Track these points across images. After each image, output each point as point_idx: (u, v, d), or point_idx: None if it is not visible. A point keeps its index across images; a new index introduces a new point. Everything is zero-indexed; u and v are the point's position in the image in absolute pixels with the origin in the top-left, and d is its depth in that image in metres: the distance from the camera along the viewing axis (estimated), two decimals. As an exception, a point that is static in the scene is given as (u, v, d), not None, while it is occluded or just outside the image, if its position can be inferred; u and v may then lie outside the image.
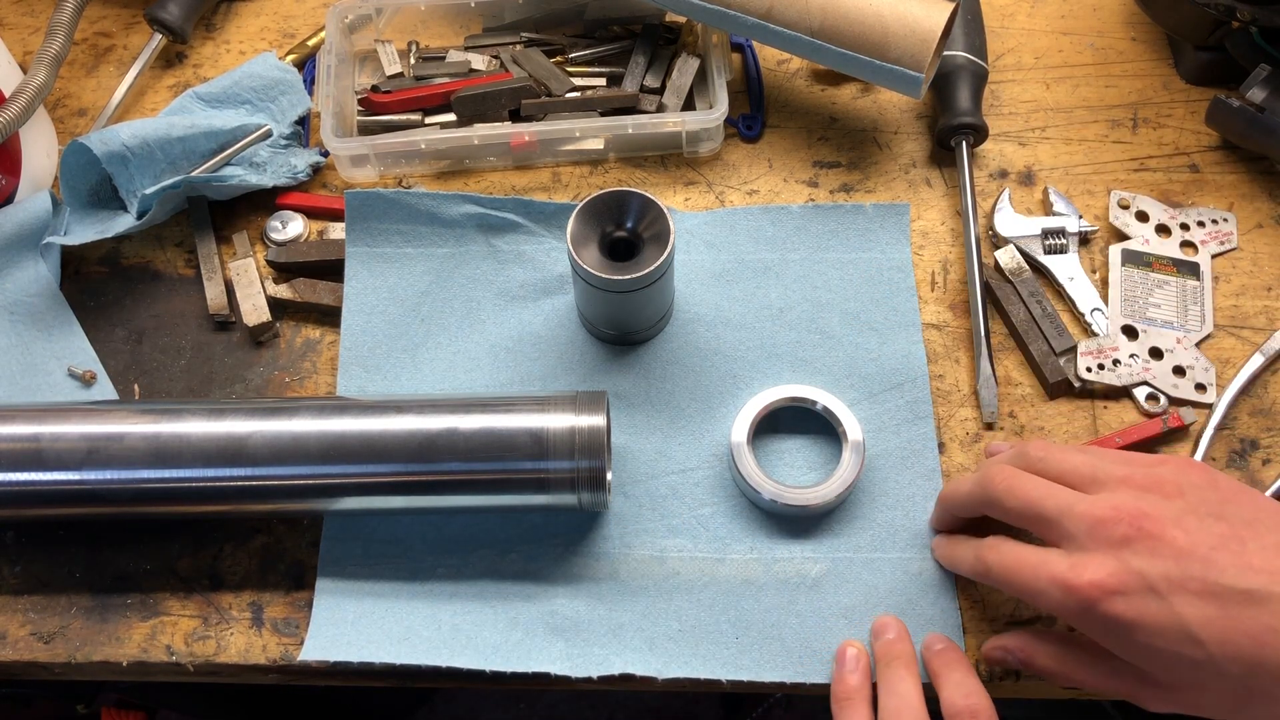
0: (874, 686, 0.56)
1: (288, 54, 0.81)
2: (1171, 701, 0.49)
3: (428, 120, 0.76)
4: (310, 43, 0.82)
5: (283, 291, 0.70)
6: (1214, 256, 0.69)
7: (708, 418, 0.65)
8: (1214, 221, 0.70)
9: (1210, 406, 0.64)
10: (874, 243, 0.70)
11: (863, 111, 0.77)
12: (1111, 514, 0.48)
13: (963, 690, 0.53)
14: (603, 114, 0.74)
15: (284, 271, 0.71)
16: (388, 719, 1.35)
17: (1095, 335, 0.66)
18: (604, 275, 0.60)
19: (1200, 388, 0.64)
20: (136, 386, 0.68)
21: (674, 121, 0.72)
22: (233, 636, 0.60)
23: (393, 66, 0.78)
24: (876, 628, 0.58)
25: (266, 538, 0.63)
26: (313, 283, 0.70)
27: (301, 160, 0.75)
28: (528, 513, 0.62)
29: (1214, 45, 0.74)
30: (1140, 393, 0.64)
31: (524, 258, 0.70)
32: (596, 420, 0.57)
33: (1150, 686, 0.49)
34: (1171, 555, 0.47)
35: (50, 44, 0.73)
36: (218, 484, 0.57)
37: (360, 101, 0.77)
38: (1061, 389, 0.65)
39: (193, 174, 0.71)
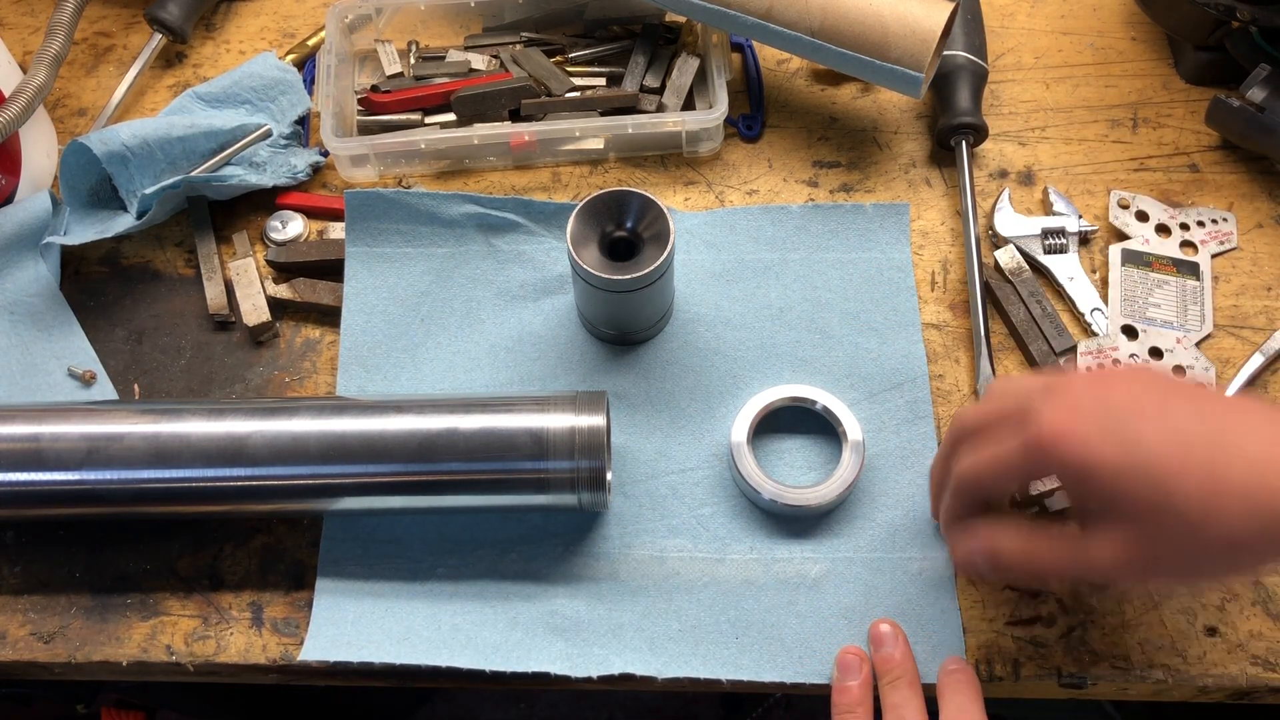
0: (875, 698, 0.56)
1: (288, 54, 0.81)
2: (1122, 565, 0.48)
3: (428, 120, 0.76)
4: (310, 43, 0.82)
5: (283, 291, 0.70)
6: (1214, 256, 0.69)
7: (708, 418, 0.65)
8: (1214, 221, 0.70)
9: (1210, 406, 0.64)
10: (874, 243, 0.70)
11: (863, 111, 0.77)
12: (1062, 381, 0.49)
13: (964, 714, 0.53)
14: (603, 114, 0.74)
15: (284, 271, 0.71)
16: (388, 719, 1.35)
17: (1095, 335, 0.66)
18: (604, 275, 0.60)
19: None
20: (136, 386, 0.68)
21: (674, 121, 0.72)
22: (233, 636, 0.60)
23: (393, 66, 0.78)
24: (874, 636, 0.58)
25: (266, 538, 0.63)
26: (313, 283, 0.70)
27: (301, 160, 0.75)
28: (528, 513, 0.62)
29: (1214, 45, 0.74)
30: (1140, 393, 0.64)
31: (524, 258, 0.70)
32: (596, 420, 0.57)
33: (1105, 552, 0.48)
34: (1126, 400, 0.47)
35: (50, 44, 0.73)
36: (218, 484, 0.57)
37: (360, 101, 0.77)
38: (1061, 389, 0.65)
39: (193, 174, 0.71)
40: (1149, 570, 0.48)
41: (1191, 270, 0.68)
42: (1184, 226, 0.70)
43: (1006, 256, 0.69)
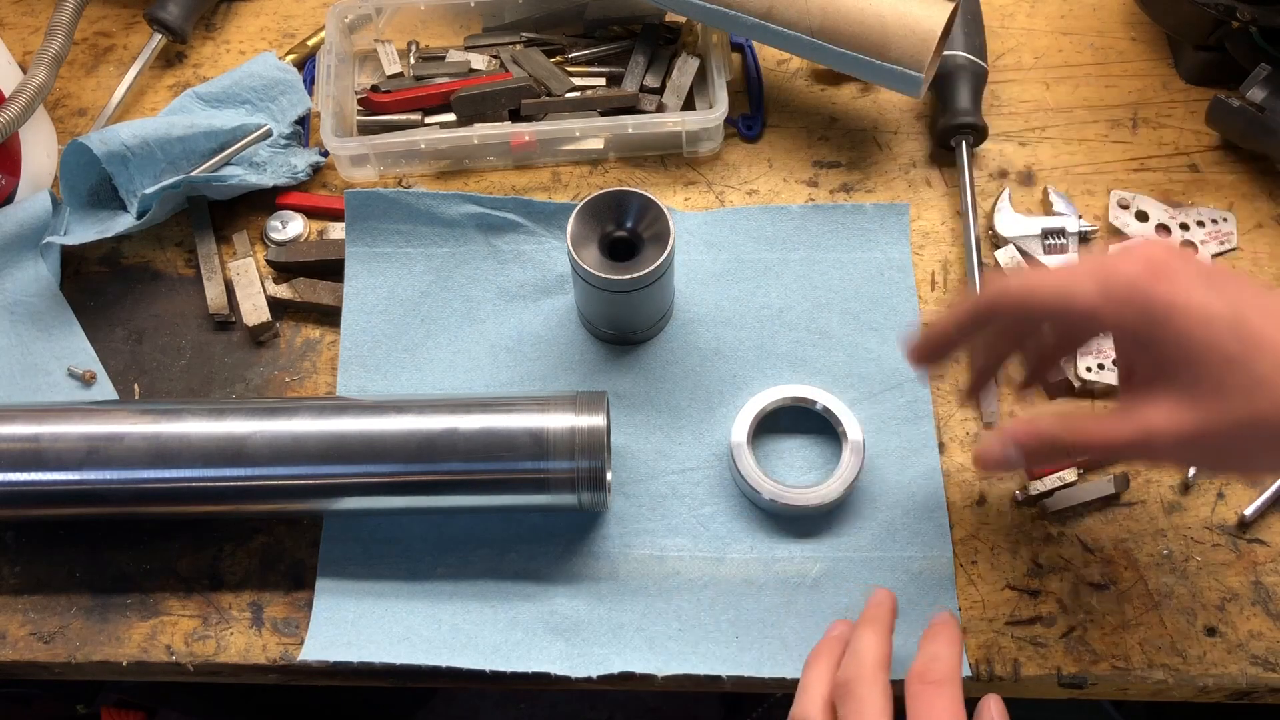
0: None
1: (288, 54, 0.81)
2: (1180, 432, 0.44)
3: (428, 120, 0.76)
4: (310, 43, 0.82)
5: (283, 291, 0.70)
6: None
7: (708, 418, 0.65)
8: (1214, 221, 0.70)
9: (1210, 406, 0.64)
10: (874, 242, 0.70)
11: (863, 111, 0.77)
12: (1131, 255, 0.44)
13: (936, 661, 0.50)
14: (603, 114, 0.74)
15: (284, 271, 0.71)
16: (388, 719, 1.35)
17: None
18: (604, 275, 0.60)
19: (1200, 388, 0.64)
20: (136, 386, 0.68)
21: (674, 121, 0.72)
22: (233, 636, 0.60)
23: (393, 66, 0.78)
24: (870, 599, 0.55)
25: (266, 538, 0.63)
26: (313, 283, 0.70)
27: (301, 160, 0.75)
28: (528, 513, 0.62)
29: (1214, 45, 0.74)
30: (1140, 393, 0.64)
31: (524, 258, 0.70)
32: (596, 420, 0.57)
33: (1161, 417, 0.44)
34: (1214, 265, 0.44)
35: (50, 44, 0.73)
36: (218, 484, 0.57)
37: (360, 101, 0.77)
38: (1061, 389, 0.65)
39: (193, 174, 0.71)
40: (1207, 441, 0.43)
41: (1191, 270, 0.68)
42: (1184, 226, 0.70)
43: (1006, 256, 0.69)
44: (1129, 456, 0.48)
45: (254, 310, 0.69)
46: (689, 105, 0.76)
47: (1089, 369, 0.64)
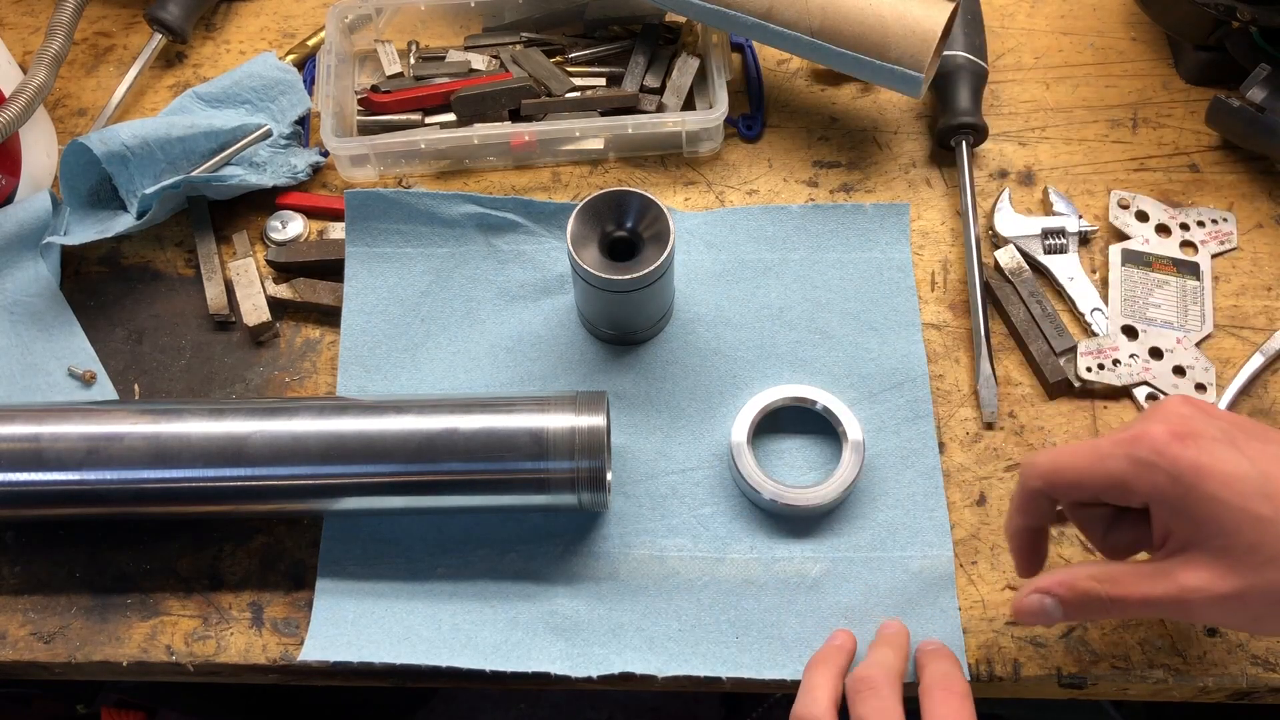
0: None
1: (288, 54, 0.81)
2: (1219, 604, 0.44)
3: (428, 120, 0.76)
4: (310, 43, 0.82)
5: (283, 291, 0.70)
6: (1214, 256, 0.69)
7: (708, 418, 0.65)
8: (1214, 221, 0.70)
9: (1210, 406, 0.64)
10: (874, 242, 0.70)
11: (863, 111, 0.77)
12: (1155, 418, 0.45)
13: (940, 670, 0.53)
14: (603, 114, 0.74)
15: (284, 271, 0.71)
16: (388, 719, 1.35)
17: (1095, 335, 0.66)
18: (604, 275, 0.60)
19: (1200, 388, 0.64)
20: (136, 386, 0.68)
21: (674, 121, 0.72)
22: (233, 636, 0.60)
23: (393, 66, 0.78)
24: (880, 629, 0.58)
25: (266, 538, 0.63)
26: (313, 283, 0.70)
27: (301, 160, 0.75)
28: (528, 513, 0.62)
29: (1214, 45, 0.74)
30: (1140, 393, 0.64)
31: (524, 258, 0.70)
32: (596, 420, 0.57)
33: (1197, 579, 0.45)
34: (1238, 420, 0.44)
35: (50, 44, 0.73)
36: (218, 484, 0.57)
37: (360, 101, 0.77)
38: (1061, 389, 0.65)
39: (193, 174, 0.71)
40: (1244, 605, 0.44)
41: (1192, 270, 0.68)
42: (1184, 226, 0.70)
43: (1006, 256, 0.69)
44: (1165, 615, 0.49)
45: (254, 310, 0.69)
46: (689, 105, 0.76)
47: (1089, 369, 0.64)
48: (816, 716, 0.51)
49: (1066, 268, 0.69)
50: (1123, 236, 0.70)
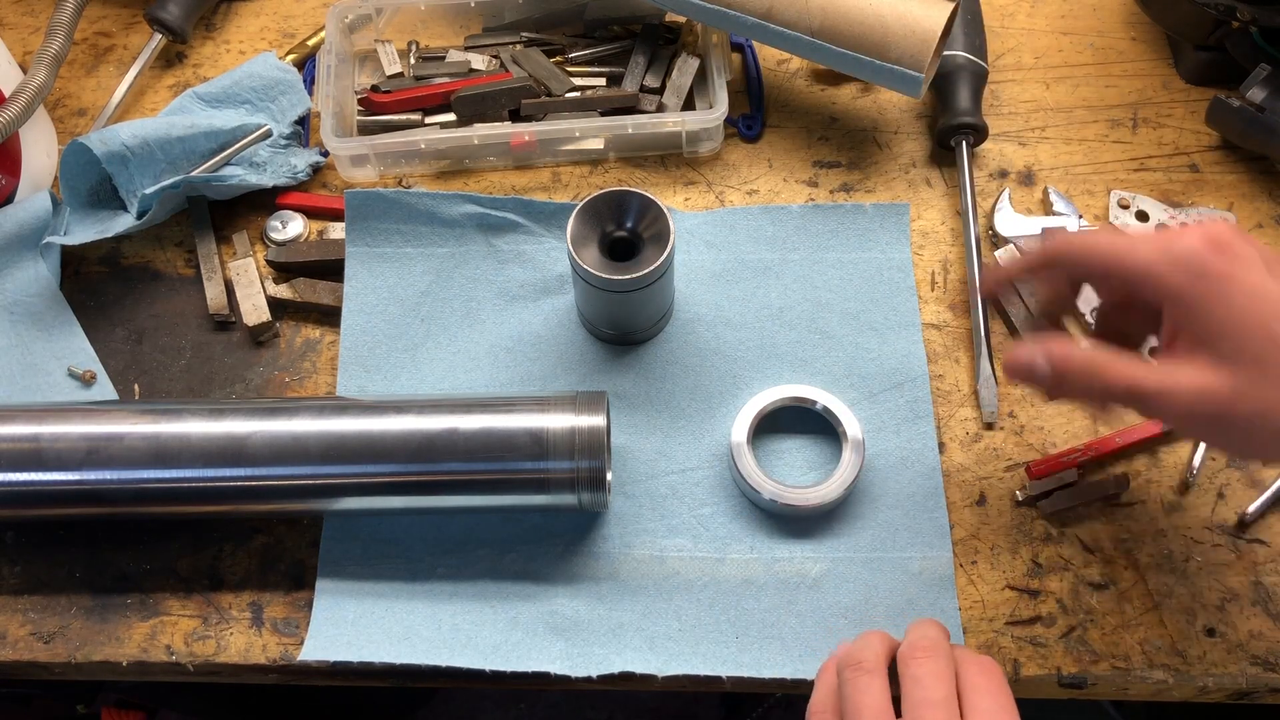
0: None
1: (288, 54, 0.81)
2: (1204, 394, 0.44)
3: (428, 120, 0.76)
4: (310, 43, 0.82)
5: (283, 291, 0.70)
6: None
7: (708, 418, 0.65)
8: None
9: (1210, 406, 0.64)
10: (874, 242, 0.70)
11: (863, 111, 0.77)
12: (1196, 229, 0.46)
13: (919, 632, 0.50)
14: (603, 114, 0.74)
15: (284, 271, 0.71)
16: (388, 719, 1.35)
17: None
18: (604, 275, 0.60)
19: (1200, 388, 0.64)
20: (136, 386, 0.68)
21: (674, 121, 0.72)
22: (233, 636, 0.60)
23: (393, 66, 0.78)
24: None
25: (266, 538, 0.63)
26: (313, 283, 0.70)
27: (301, 160, 0.75)
28: (528, 513, 0.62)
29: (1214, 45, 0.74)
30: (1140, 393, 0.64)
31: (524, 258, 0.70)
32: (596, 420, 0.57)
33: (1191, 377, 0.44)
34: (1272, 257, 0.45)
35: (50, 44, 0.73)
36: (218, 484, 0.57)
37: (360, 101, 0.77)
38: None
39: (193, 174, 0.71)
40: (1232, 411, 0.44)
41: (1191, 270, 0.68)
42: (1184, 226, 0.70)
43: (1007, 256, 0.69)
44: (1150, 408, 0.47)
45: (254, 310, 0.69)
46: (689, 105, 0.76)
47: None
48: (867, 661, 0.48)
49: (1066, 268, 0.69)
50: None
